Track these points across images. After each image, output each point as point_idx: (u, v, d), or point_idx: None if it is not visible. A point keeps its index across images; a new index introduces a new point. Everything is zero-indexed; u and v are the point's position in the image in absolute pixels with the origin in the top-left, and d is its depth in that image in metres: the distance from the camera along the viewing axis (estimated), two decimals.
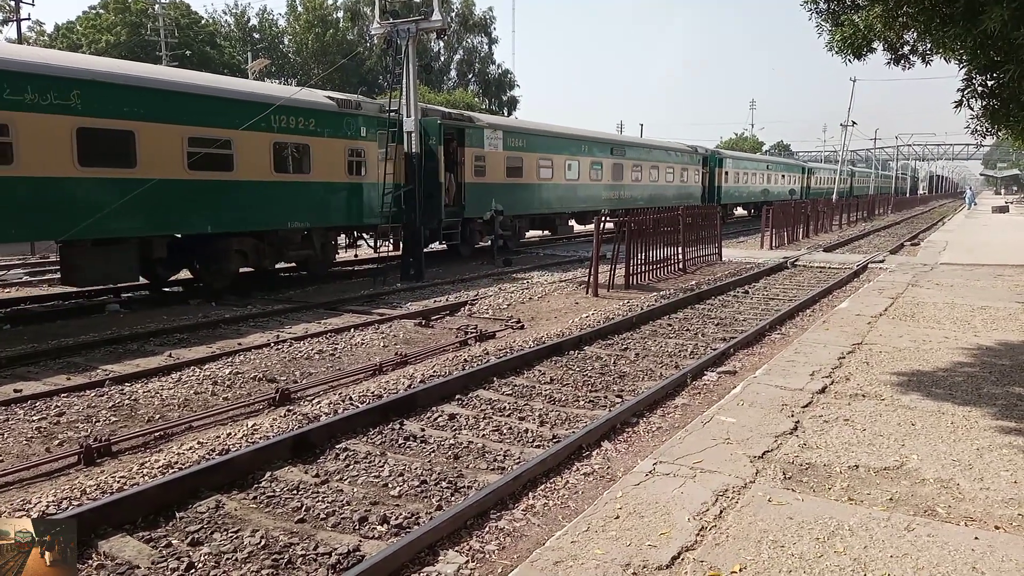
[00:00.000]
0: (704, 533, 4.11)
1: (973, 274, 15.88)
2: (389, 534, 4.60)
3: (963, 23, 6.28)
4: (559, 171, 24.50)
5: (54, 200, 11.27)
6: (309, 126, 15.36)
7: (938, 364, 7.93)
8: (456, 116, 20.69)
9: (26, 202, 11.03)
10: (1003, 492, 4.66)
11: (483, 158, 20.79)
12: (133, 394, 7.51)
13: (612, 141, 29.36)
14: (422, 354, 9.39)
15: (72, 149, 11.40)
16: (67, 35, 56.10)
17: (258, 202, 14.38)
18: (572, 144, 25.50)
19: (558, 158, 24.40)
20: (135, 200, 11.92)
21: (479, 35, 75.15)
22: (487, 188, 20.90)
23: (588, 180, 26.41)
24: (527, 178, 22.89)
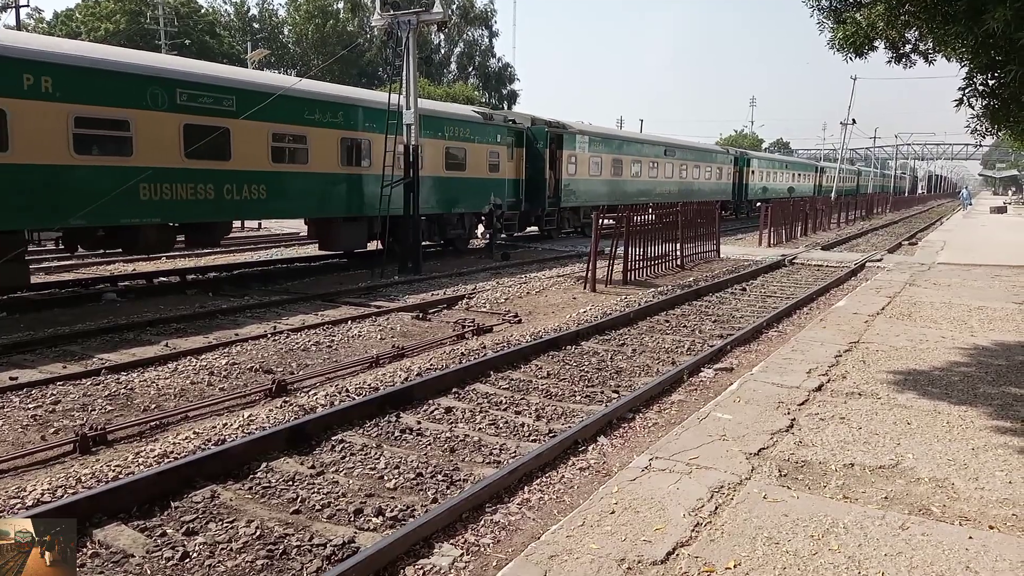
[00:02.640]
0: (699, 529, 4.11)
1: (970, 274, 15.90)
2: (384, 526, 4.61)
3: (965, 22, 6.27)
4: (627, 169, 28.94)
5: (329, 190, 15.78)
6: (466, 134, 19.91)
7: (934, 363, 7.94)
8: (555, 124, 24.27)
9: (313, 189, 15.28)
10: (998, 492, 4.67)
11: (574, 159, 24.87)
12: (129, 383, 7.50)
13: (666, 143, 33.88)
14: (419, 347, 9.38)
15: (337, 154, 15.97)
16: (66, 22, 55.90)
17: (437, 193, 18.72)
18: (637, 146, 30.34)
19: (627, 159, 28.85)
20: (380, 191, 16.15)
21: (480, 28, 74.93)
22: (576, 183, 25.13)
23: (647, 177, 30.63)
24: (604, 175, 27.14)
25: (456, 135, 19.58)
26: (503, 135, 21.73)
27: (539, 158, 23.05)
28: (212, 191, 13.41)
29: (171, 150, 12.67)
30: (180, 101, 12.80)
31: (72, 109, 11.32)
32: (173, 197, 12.75)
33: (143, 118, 12.23)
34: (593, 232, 14.89)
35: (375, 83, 54.12)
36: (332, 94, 16.50)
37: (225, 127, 13.44)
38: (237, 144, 13.68)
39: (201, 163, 13.12)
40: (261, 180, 14.19)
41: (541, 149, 23.09)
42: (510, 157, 21.96)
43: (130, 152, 12.09)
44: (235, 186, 13.84)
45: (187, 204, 13.01)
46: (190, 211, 13.18)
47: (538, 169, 23.03)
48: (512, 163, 22.05)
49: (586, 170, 25.79)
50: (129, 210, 12.13)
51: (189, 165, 12.91)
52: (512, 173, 22.07)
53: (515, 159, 22.22)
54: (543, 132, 23.27)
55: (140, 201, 12.23)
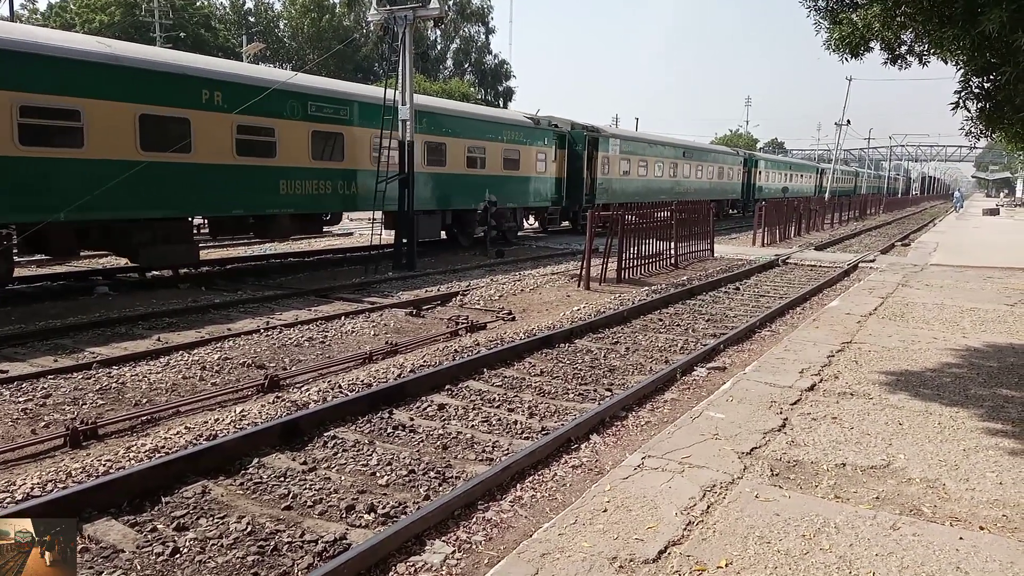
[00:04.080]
0: (691, 528, 4.12)
1: (963, 275, 15.96)
2: (376, 523, 4.60)
3: (961, 24, 6.28)
4: (652, 169, 31.58)
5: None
6: (519, 138, 22.61)
7: (926, 364, 7.97)
8: (591, 128, 26.90)
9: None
10: (988, 493, 4.69)
11: (607, 160, 27.41)
12: (120, 377, 7.47)
13: (683, 146, 36.53)
14: (412, 344, 9.37)
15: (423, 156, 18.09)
16: (60, 14, 55.59)
17: (500, 188, 21.50)
18: (660, 148, 32.97)
19: (651, 160, 31.52)
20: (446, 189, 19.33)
21: (476, 24, 74.88)
22: (609, 182, 27.70)
23: (668, 176, 33.26)
24: (632, 175, 29.75)
25: (512, 139, 22.22)
26: (548, 138, 24.33)
27: (578, 159, 25.63)
28: (329, 186, 16.02)
29: (303, 152, 15.16)
30: (310, 112, 15.29)
31: (235, 119, 13.57)
32: (303, 192, 15.31)
33: (283, 126, 14.69)
34: (588, 230, 14.89)
35: (371, 78, 54.00)
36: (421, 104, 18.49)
37: (340, 132, 16.10)
38: (349, 147, 16.30)
39: (323, 163, 15.72)
40: (368, 178, 16.41)
41: (580, 151, 25.66)
42: (554, 158, 24.59)
43: (274, 154, 14.56)
44: (347, 182, 16.41)
45: (311, 197, 15.60)
46: (313, 203, 15.81)
47: (576, 169, 25.60)
48: (555, 163, 24.71)
49: (617, 170, 28.38)
50: (273, 202, 14.77)
51: (314, 165, 15.41)
52: (555, 172, 24.76)
53: (558, 160, 24.86)
54: (582, 135, 25.78)
55: (280, 195, 14.82)
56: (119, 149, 12.04)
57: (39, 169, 11.18)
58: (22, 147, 10.88)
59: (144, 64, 12.46)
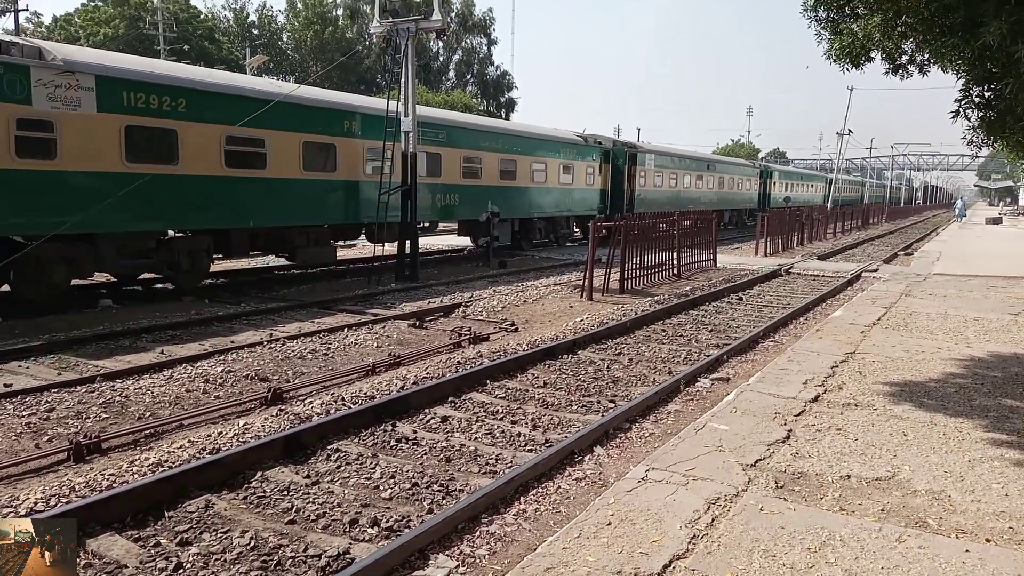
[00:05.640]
0: (696, 541, 4.10)
1: (966, 285, 15.94)
2: (380, 537, 4.58)
3: (962, 35, 6.30)
4: (680, 181, 34.64)
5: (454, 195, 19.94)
6: (573, 154, 25.74)
7: (930, 375, 7.95)
8: (630, 144, 31.17)
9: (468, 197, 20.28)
10: (994, 505, 4.67)
11: (644, 173, 30.46)
12: (124, 391, 7.47)
13: (707, 159, 41.05)
14: (415, 355, 9.37)
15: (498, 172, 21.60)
16: (65, 27, 55.90)
17: (554, 200, 24.77)
18: (687, 162, 36.23)
19: (680, 172, 34.68)
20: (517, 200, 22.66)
21: (478, 36, 75.09)
22: (645, 193, 30.55)
23: (695, 187, 36.31)
24: (664, 186, 32.76)
25: (567, 155, 25.27)
26: (596, 154, 27.31)
27: (619, 172, 28.63)
28: (430, 198, 18.64)
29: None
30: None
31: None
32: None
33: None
34: (591, 241, 14.89)
35: (373, 90, 54.17)
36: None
37: (439, 153, 18.71)
38: (446, 165, 19.18)
39: (430, 179, 18.43)
40: (456, 191, 19.44)
41: (621, 165, 28.69)
42: (600, 172, 27.52)
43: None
44: (445, 195, 19.18)
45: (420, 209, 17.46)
46: (422, 214, 18.13)
47: (617, 182, 28.54)
48: (601, 176, 27.64)
49: (652, 182, 31.49)
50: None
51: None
52: (601, 184, 27.67)
53: (603, 173, 27.77)
54: (623, 151, 29.19)
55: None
56: (289, 169, 14.94)
57: (236, 186, 14.02)
58: (227, 168, 13.74)
59: (305, 101, 15.46)
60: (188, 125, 13.08)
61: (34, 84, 10.98)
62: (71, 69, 11.44)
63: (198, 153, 13.25)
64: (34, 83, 10.98)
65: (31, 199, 11.10)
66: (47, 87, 11.12)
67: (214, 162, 13.53)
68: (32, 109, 11.00)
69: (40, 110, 11.10)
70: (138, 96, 12.31)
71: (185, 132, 13.04)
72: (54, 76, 11.20)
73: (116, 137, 12.04)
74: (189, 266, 13.99)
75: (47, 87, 11.12)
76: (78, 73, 11.52)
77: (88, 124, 11.66)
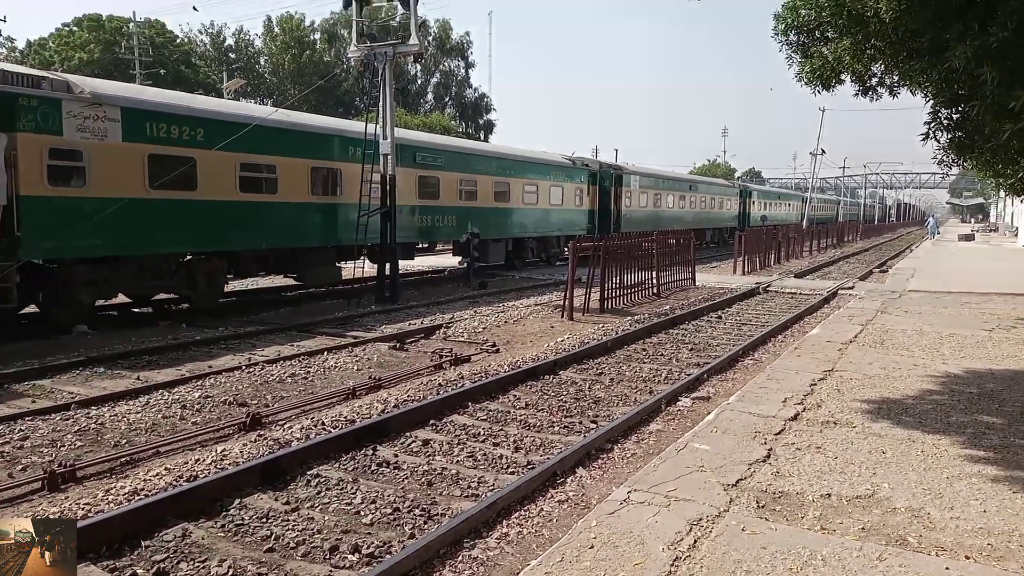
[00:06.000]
0: (678, 564, 4.09)
1: (940, 301, 16.16)
2: (360, 564, 4.53)
3: (929, 58, 6.45)
4: (664, 201, 36.14)
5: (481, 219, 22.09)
6: (562, 177, 27.02)
7: (907, 392, 8.03)
8: (616, 166, 32.83)
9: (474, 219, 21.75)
10: (973, 521, 4.71)
11: (629, 194, 32.02)
12: (100, 418, 7.36)
13: (689, 180, 42.97)
14: (396, 378, 9.32)
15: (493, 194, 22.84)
16: (39, 52, 55.50)
17: (545, 221, 25.96)
18: (670, 183, 37.82)
19: (664, 193, 36.12)
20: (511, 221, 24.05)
21: (456, 59, 75.69)
22: (631, 212, 31.91)
23: (678, 207, 37.90)
24: (648, 206, 34.20)
25: (557, 177, 26.61)
26: (584, 176, 28.62)
27: (606, 193, 29.98)
28: (430, 220, 20.07)
29: (412, 193, 19.02)
30: (417, 160, 19.27)
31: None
32: (412, 225, 19.12)
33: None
34: (571, 261, 14.95)
35: (352, 113, 54.22)
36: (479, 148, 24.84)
37: (438, 177, 20.19)
38: (444, 188, 20.44)
39: (427, 201, 19.81)
40: (454, 213, 20.92)
41: (608, 187, 30.06)
42: (588, 192, 28.75)
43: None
44: (443, 217, 20.55)
45: (419, 229, 19.82)
46: (421, 234, 20.20)
47: (604, 202, 29.81)
48: (589, 197, 28.88)
49: (637, 202, 32.90)
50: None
51: (421, 203, 19.37)
52: (589, 205, 28.94)
53: (591, 194, 29.01)
54: (610, 173, 30.67)
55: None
56: (298, 194, 15.77)
57: (250, 210, 14.84)
58: (242, 193, 14.56)
59: (313, 129, 16.44)
60: (206, 153, 13.76)
61: (65, 116, 11.63)
62: (99, 101, 12.13)
63: (215, 179, 14.03)
64: (65, 115, 11.63)
65: (62, 224, 11.62)
66: (77, 118, 11.78)
67: (230, 188, 14.36)
68: (63, 139, 11.65)
69: (70, 140, 11.75)
70: (160, 126, 13.06)
71: (203, 160, 13.74)
72: (83, 108, 11.86)
73: (140, 165, 12.77)
74: (206, 286, 14.56)
75: (77, 118, 11.78)
76: (105, 105, 12.22)
77: (114, 153, 12.34)
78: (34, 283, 12.00)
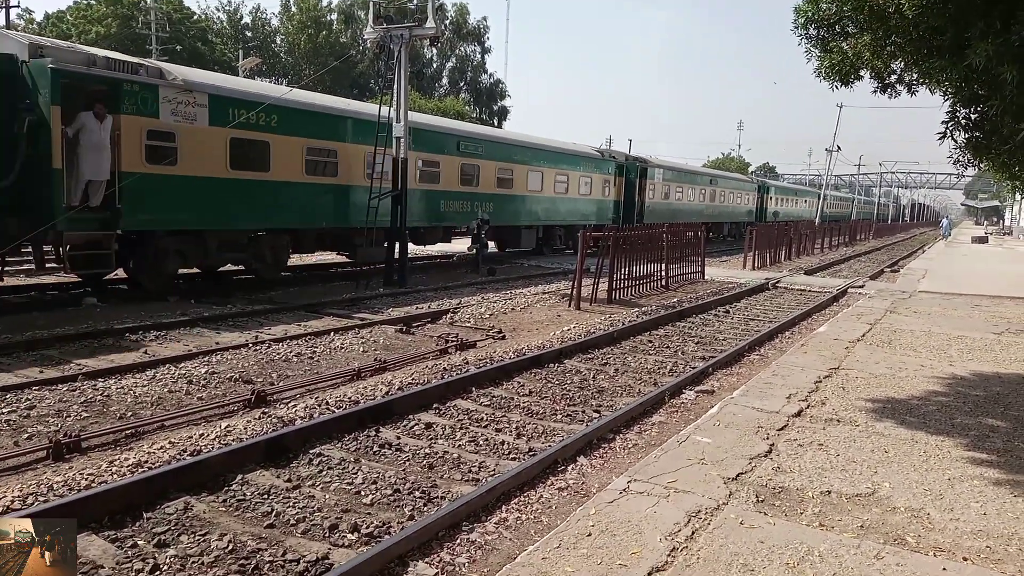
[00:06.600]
0: (675, 554, 4.10)
1: (951, 303, 16.06)
2: (359, 543, 4.56)
3: (949, 56, 6.37)
4: (686, 194, 36.96)
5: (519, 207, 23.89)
6: (591, 167, 28.15)
7: (913, 392, 8.00)
8: (640, 159, 33.36)
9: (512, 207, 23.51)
10: (972, 523, 4.70)
11: (653, 186, 32.81)
12: (106, 390, 7.42)
13: (710, 174, 44.19)
14: (401, 361, 9.35)
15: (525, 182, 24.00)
16: (56, 24, 55.61)
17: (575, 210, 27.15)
18: (692, 176, 39.05)
19: (685, 186, 37.06)
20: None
21: (472, 44, 75.31)
22: (654, 204, 32.72)
23: (698, 200, 38.58)
24: (669, 200, 34.98)
25: (587, 168, 27.72)
26: (611, 167, 29.61)
27: (631, 185, 30.84)
28: (469, 206, 21.04)
29: (455, 180, 20.38)
30: (460, 149, 20.62)
31: (418, 156, 18.38)
32: (454, 210, 20.49)
33: (445, 161, 19.88)
34: (579, 250, 14.93)
35: (367, 95, 54.14)
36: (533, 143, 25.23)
37: (478, 165, 21.36)
38: (483, 176, 21.68)
39: (467, 188, 21.01)
40: (491, 200, 22.07)
41: (633, 178, 30.90)
42: (614, 184, 29.73)
43: (438, 181, 19.68)
44: (481, 204, 21.51)
45: (459, 214, 20.84)
46: (460, 218, 21.03)
47: (629, 194, 30.63)
48: (615, 188, 29.85)
49: (660, 194, 33.74)
50: (438, 216, 20.07)
51: (462, 189, 20.69)
52: (615, 196, 29.82)
53: (617, 185, 29.97)
54: (635, 166, 31.53)
55: (440, 212, 20.01)
56: (355, 177, 16.67)
57: (314, 191, 15.92)
58: (307, 176, 15.62)
59: (371, 117, 16.70)
60: (278, 138, 14.97)
61: (161, 101, 12.73)
62: (190, 88, 13.26)
63: (285, 162, 15.16)
64: (161, 100, 12.73)
65: (156, 199, 12.79)
66: (171, 103, 12.89)
67: (297, 170, 15.47)
68: (159, 122, 12.75)
69: (165, 123, 12.85)
70: (240, 112, 14.05)
71: (276, 144, 14.95)
72: (177, 94, 12.96)
73: (223, 147, 13.88)
74: (272, 260, 15.75)
75: (171, 103, 12.89)
76: (195, 92, 13.34)
77: (201, 136, 13.44)
78: (126, 252, 12.99)
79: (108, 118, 11.93)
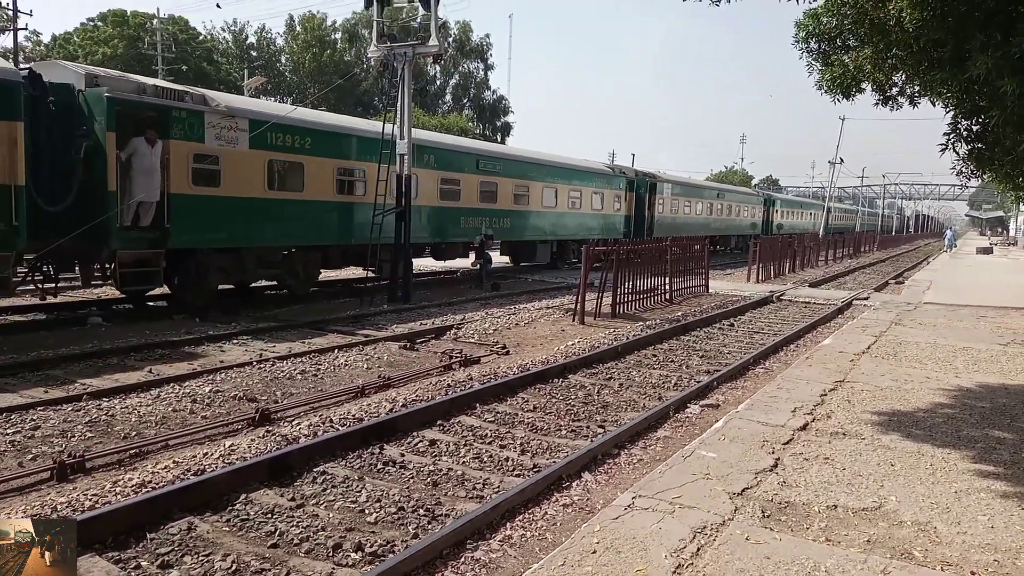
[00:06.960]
0: (681, 571, 4.07)
1: (956, 314, 16.01)
2: (363, 562, 4.54)
3: (950, 68, 6.39)
4: (694, 208, 37.67)
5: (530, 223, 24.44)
6: (603, 184, 28.80)
7: (919, 404, 7.96)
8: (649, 174, 33.61)
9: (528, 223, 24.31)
10: (980, 537, 4.66)
11: (662, 200, 33.49)
12: (110, 410, 7.42)
13: (717, 188, 45.04)
14: (405, 377, 9.34)
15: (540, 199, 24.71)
16: (64, 46, 56.14)
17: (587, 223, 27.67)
18: (700, 191, 39.67)
19: (694, 200, 37.70)
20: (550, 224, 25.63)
21: (475, 61, 75.82)
22: (663, 219, 33.28)
23: (706, 214, 39.21)
24: (678, 214, 35.53)
25: (599, 183, 28.47)
26: (622, 183, 30.33)
27: (641, 200, 31.31)
28: (487, 221, 21.57)
29: (474, 196, 21.16)
30: (480, 167, 21.41)
31: (440, 174, 19.61)
32: (472, 226, 20.96)
33: (465, 179, 20.68)
34: (583, 264, 14.93)
35: (371, 112, 54.44)
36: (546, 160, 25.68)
37: (496, 182, 22.09)
38: (501, 193, 22.41)
39: (486, 204, 21.73)
40: (508, 216, 22.85)
41: (642, 193, 31.43)
42: (624, 199, 30.39)
43: (458, 198, 20.43)
44: (499, 219, 22.31)
45: (477, 230, 20.93)
46: (478, 234, 20.85)
47: (639, 208, 31.16)
48: (626, 203, 30.47)
49: (669, 209, 34.36)
50: (458, 232, 20.65)
51: (481, 206, 21.37)
52: (625, 211, 30.49)
53: (627, 200, 30.57)
54: (645, 181, 32.01)
55: (460, 228, 20.69)
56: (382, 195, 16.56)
57: (343, 210, 16.62)
58: (338, 195, 16.42)
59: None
60: (312, 159, 15.73)
61: (207, 126, 13.46)
62: (232, 114, 13.99)
63: (318, 182, 15.90)
64: (207, 125, 13.46)
65: (201, 219, 13.50)
66: (215, 128, 13.60)
67: (329, 190, 16.21)
68: (205, 146, 13.49)
69: (210, 147, 13.58)
70: (278, 136, 14.90)
71: (310, 164, 15.70)
72: (220, 119, 13.68)
73: (262, 169, 14.67)
74: (304, 276, 16.39)
75: (215, 128, 13.60)
76: (237, 117, 14.07)
77: (242, 158, 14.19)
78: (170, 269, 13.56)
79: (159, 143, 12.59)
